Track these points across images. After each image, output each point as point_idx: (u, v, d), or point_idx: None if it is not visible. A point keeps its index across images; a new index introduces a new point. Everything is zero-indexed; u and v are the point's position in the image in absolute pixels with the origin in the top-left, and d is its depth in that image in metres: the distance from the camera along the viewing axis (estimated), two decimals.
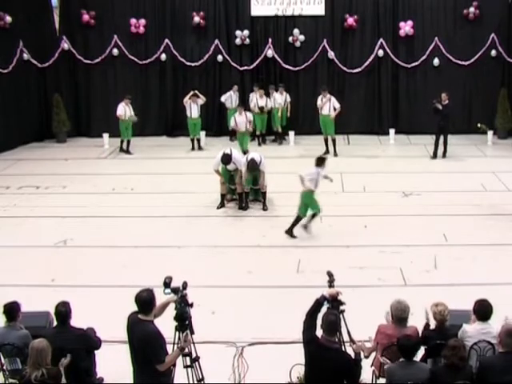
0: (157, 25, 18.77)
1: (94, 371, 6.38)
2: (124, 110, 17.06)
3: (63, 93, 18.78)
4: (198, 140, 17.71)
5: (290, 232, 10.99)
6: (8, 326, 6.31)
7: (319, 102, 16.62)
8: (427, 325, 6.37)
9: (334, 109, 16.47)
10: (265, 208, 12.49)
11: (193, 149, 17.59)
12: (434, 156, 15.85)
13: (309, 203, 10.94)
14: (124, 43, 18.68)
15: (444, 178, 14.23)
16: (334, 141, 16.66)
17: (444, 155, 15.88)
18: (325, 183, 14.14)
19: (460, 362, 5.49)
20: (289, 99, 17.90)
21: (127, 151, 17.30)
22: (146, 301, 5.56)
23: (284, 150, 17.38)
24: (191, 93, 17.47)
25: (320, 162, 11.07)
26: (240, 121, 15.75)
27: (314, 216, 11.05)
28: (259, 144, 17.76)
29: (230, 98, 18.01)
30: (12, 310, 6.30)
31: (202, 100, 17.55)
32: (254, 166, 12.01)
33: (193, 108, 17.40)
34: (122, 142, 17.36)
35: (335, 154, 16.44)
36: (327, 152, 16.31)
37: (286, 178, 13.90)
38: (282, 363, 6.47)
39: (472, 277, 9.13)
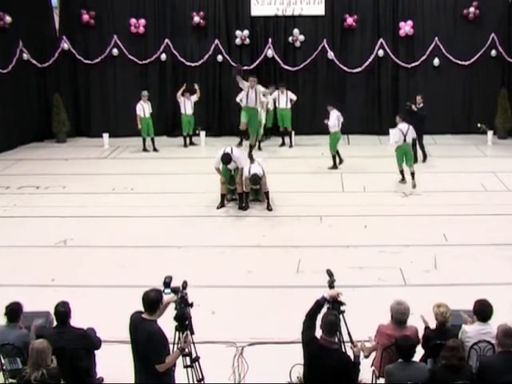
0: (157, 25, 18.76)
1: (94, 371, 6.37)
2: (142, 109, 17.16)
3: (63, 93, 18.78)
4: (190, 136, 17.82)
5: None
6: (8, 325, 6.31)
7: (274, 96, 17.33)
8: (427, 328, 6.36)
9: (291, 100, 17.35)
10: (269, 208, 12.36)
11: (185, 146, 17.70)
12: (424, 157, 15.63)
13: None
14: (124, 43, 18.67)
15: (444, 178, 14.20)
16: (290, 133, 17.52)
17: (416, 160, 14.91)
18: (323, 183, 14.14)
19: (459, 363, 5.49)
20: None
21: (154, 149, 17.40)
22: (153, 300, 5.57)
23: (284, 151, 17.36)
24: (183, 87, 17.54)
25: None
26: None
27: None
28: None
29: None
30: (14, 311, 6.29)
31: (196, 96, 17.57)
32: (255, 180, 12.23)
33: (187, 105, 17.51)
34: (144, 140, 17.39)
35: (291, 146, 17.55)
36: (283, 144, 17.62)
37: (286, 178, 13.92)
38: (282, 363, 6.46)
39: (472, 277, 9.12)
